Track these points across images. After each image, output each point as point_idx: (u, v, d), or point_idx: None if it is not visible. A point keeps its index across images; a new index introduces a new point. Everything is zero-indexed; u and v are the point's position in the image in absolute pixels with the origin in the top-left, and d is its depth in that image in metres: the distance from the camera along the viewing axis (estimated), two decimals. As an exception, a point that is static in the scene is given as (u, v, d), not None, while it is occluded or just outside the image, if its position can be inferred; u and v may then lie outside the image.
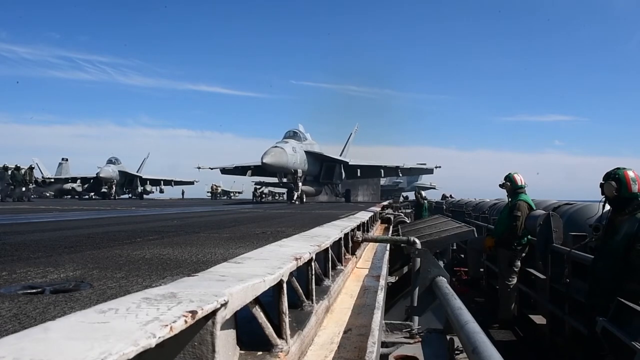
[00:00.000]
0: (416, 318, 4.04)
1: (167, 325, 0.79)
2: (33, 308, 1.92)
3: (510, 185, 8.00)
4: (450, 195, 29.52)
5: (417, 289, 3.95)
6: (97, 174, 45.68)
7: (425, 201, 20.42)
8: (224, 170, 40.85)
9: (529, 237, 7.66)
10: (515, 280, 7.77)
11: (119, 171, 47.88)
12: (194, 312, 0.88)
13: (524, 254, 7.75)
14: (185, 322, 0.84)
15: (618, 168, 5.05)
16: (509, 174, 8.12)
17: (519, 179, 8.04)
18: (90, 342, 0.70)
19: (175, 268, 2.93)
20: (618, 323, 4.83)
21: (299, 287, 2.00)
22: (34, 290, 2.28)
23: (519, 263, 7.73)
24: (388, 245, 5.23)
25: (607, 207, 5.40)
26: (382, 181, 43.89)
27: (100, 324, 0.79)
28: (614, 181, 4.96)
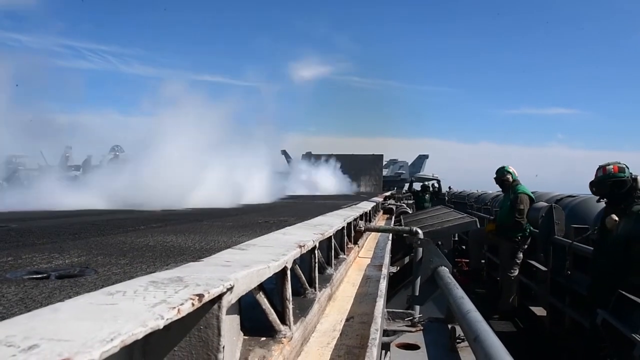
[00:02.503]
0: (417, 307, 4.07)
1: (174, 308, 0.80)
2: (39, 292, 1.94)
3: (511, 178, 7.99)
4: (449, 187, 29.51)
5: (418, 278, 3.97)
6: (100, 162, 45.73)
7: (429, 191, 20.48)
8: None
9: (531, 229, 7.67)
10: (516, 272, 7.78)
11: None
12: (200, 296, 0.89)
13: (525, 246, 7.76)
14: (192, 305, 0.85)
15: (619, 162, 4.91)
16: (505, 167, 8.12)
17: (515, 171, 8.09)
18: (100, 322, 0.71)
19: (179, 255, 2.94)
20: (618, 315, 4.85)
21: (302, 274, 2.01)
22: (39, 276, 2.30)
23: (521, 255, 7.74)
24: (390, 235, 5.24)
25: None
26: (384, 172, 43.78)
27: (109, 306, 0.80)
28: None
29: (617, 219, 4.53)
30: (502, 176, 8.07)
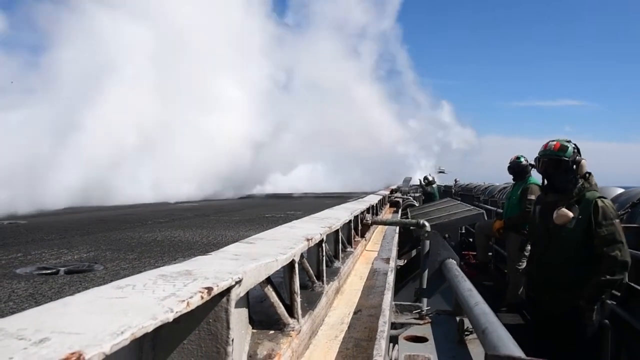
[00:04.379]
0: (425, 300, 4.07)
1: (184, 301, 0.80)
2: (48, 288, 1.96)
3: (530, 168, 7.90)
4: (455, 180, 29.38)
5: (426, 271, 3.97)
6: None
7: (434, 185, 20.28)
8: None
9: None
10: (524, 264, 7.74)
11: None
12: (209, 289, 0.89)
13: (533, 238, 7.72)
14: (202, 297, 0.85)
15: (569, 141, 3.88)
16: (522, 157, 8.04)
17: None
18: (110, 316, 0.71)
19: (187, 250, 2.96)
20: (627, 307, 4.82)
21: (309, 268, 2.01)
22: (48, 271, 2.32)
23: (529, 247, 7.69)
24: (397, 228, 5.24)
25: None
26: (390, 166, 43.71)
27: (118, 299, 0.80)
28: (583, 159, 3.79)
29: (571, 214, 3.62)
30: (517, 164, 7.98)
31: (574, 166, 3.71)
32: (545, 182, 3.92)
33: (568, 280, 3.61)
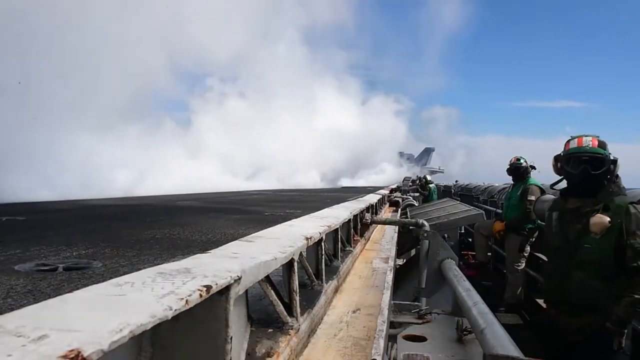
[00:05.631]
0: (424, 299, 4.07)
1: (182, 299, 0.80)
2: (47, 284, 1.96)
3: (527, 167, 7.93)
4: (456, 181, 29.42)
5: (425, 271, 3.97)
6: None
7: (432, 185, 20.25)
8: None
9: (539, 221, 7.63)
10: (523, 265, 7.77)
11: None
12: (208, 287, 0.89)
13: (533, 239, 7.73)
14: (201, 296, 0.85)
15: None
16: (521, 157, 8.06)
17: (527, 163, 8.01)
18: (108, 313, 0.71)
19: (186, 247, 2.96)
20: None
21: (308, 266, 2.01)
22: (47, 268, 2.32)
23: (529, 248, 7.71)
24: (397, 227, 5.24)
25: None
26: (390, 165, 43.82)
27: (117, 297, 0.80)
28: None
29: (608, 220, 3.02)
30: (517, 166, 8.00)
31: (612, 166, 3.16)
32: (567, 185, 3.37)
33: (593, 299, 3.09)
